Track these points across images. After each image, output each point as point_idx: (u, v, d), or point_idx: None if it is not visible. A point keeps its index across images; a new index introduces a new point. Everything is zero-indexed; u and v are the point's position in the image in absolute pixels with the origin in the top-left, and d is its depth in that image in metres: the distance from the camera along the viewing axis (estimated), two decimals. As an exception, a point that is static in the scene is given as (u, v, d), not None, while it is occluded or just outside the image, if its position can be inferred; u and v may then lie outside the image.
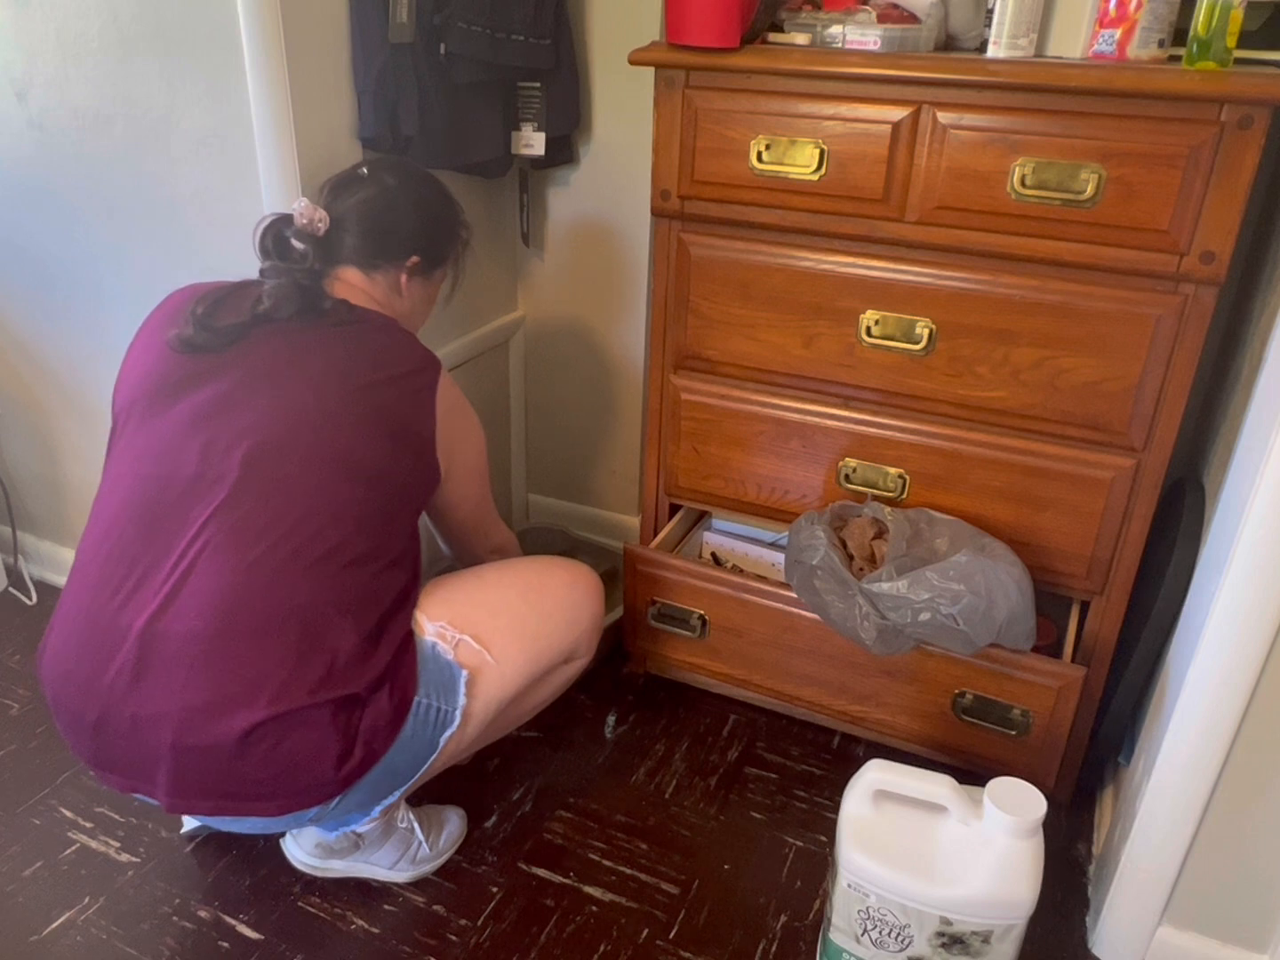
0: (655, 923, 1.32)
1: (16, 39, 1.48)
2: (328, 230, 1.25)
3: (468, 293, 1.85)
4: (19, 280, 1.72)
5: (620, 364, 1.95)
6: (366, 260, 1.28)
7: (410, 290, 1.34)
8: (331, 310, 1.22)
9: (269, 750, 1.07)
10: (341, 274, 1.28)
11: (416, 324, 1.40)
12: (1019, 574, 1.33)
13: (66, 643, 1.12)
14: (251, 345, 1.19)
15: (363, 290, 1.29)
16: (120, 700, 1.08)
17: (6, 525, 1.97)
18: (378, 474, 1.16)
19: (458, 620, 1.23)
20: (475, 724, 1.21)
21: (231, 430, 1.13)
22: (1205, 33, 1.13)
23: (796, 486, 1.53)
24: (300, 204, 1.24)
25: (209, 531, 1.09)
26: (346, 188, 1.29)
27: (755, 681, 1.57)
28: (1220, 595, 1.06)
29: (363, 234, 1.27)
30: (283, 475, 1.12)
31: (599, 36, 1.71)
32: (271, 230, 1.26)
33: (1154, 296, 1.22)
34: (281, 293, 1.20)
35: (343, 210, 1.27)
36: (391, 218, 1.29)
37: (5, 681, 1.73)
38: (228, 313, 1.21)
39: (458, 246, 1.40)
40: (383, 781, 1.17)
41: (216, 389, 1.16)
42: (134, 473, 1.15)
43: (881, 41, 1.28)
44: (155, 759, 1.09)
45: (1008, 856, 1.06)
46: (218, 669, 1.06)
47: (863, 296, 1.37)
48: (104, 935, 1.29)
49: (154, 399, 1.18)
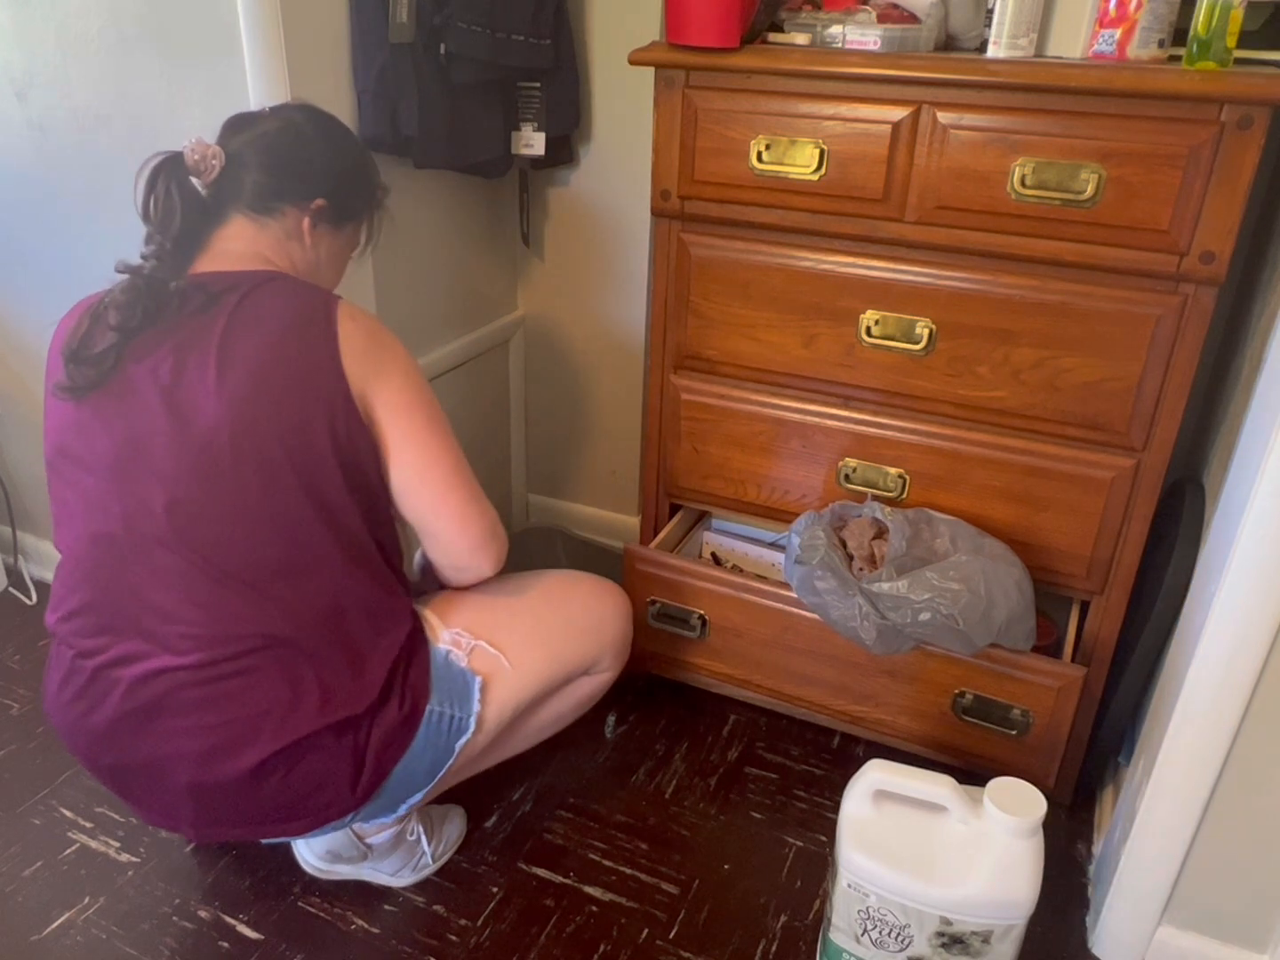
0: (655, 923, 1.32)
1: (16, 39, 1.48)
2: (222, 171, 1.11)
3: (467, 293, 1.86)
4: (19, 280, 1.71)
5: (620, 364, 1.95)
6: (261, 201, 1.13)
7: (315, 239, 1.18)
8: (185, 296, 1.07)
9: (283, 779, 1.08)
10: (221, 238, 1.14)
11: (324, 282, 1.24)
12: (1019, 574, 1.33)
13: (59, 696, 1.12)
14: (128, 365, 1.07)
15: (243, 251, 1.13)
16: (127, 749, 1.09)
17: (6, 525, 1.97)
18: (315, 471, 1.07)
19: (473, 626, 1.21)
20: (490, 729, 1.21)
21: (146, 484, 1.05)
22: (1205, 33, 1.13)
23: (796, 486, 1.53)
24: (192, 140, 1.10)
25: (166, 581, 1.06)
26: (246, 124, 1.15)
27: (755, 681, 1.57)
28: (1220, 595, 1.06)
29: (262, 168, 1.12)
30: (216, 512, 1.05)
31: (599, 36, 1.71)
32: (160, 176, 1.10)
33: (1154, 296, 1.22)
34: (123, 298, 1.07)
35: (240, 144, 1.13)
36: (296, 153, 1.15)
37: (5, 681, 1.73)
38: (98, 335, 1.08)
39: (372, 202, 1.26)
40: (401, 789, 1.17)
41: (113, 439, 1.06)
42: (76, 534, 1.10)
43: (881, 41, 1.28)
44: (176, 798, 1.11)
45: (1008, 856, 1.06)
46: (213, 714, 1.06)
47: (863, 296, 1.37)
48: (104, 935, 1.28)
49: (64, 457, 1.10)
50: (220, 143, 1.14)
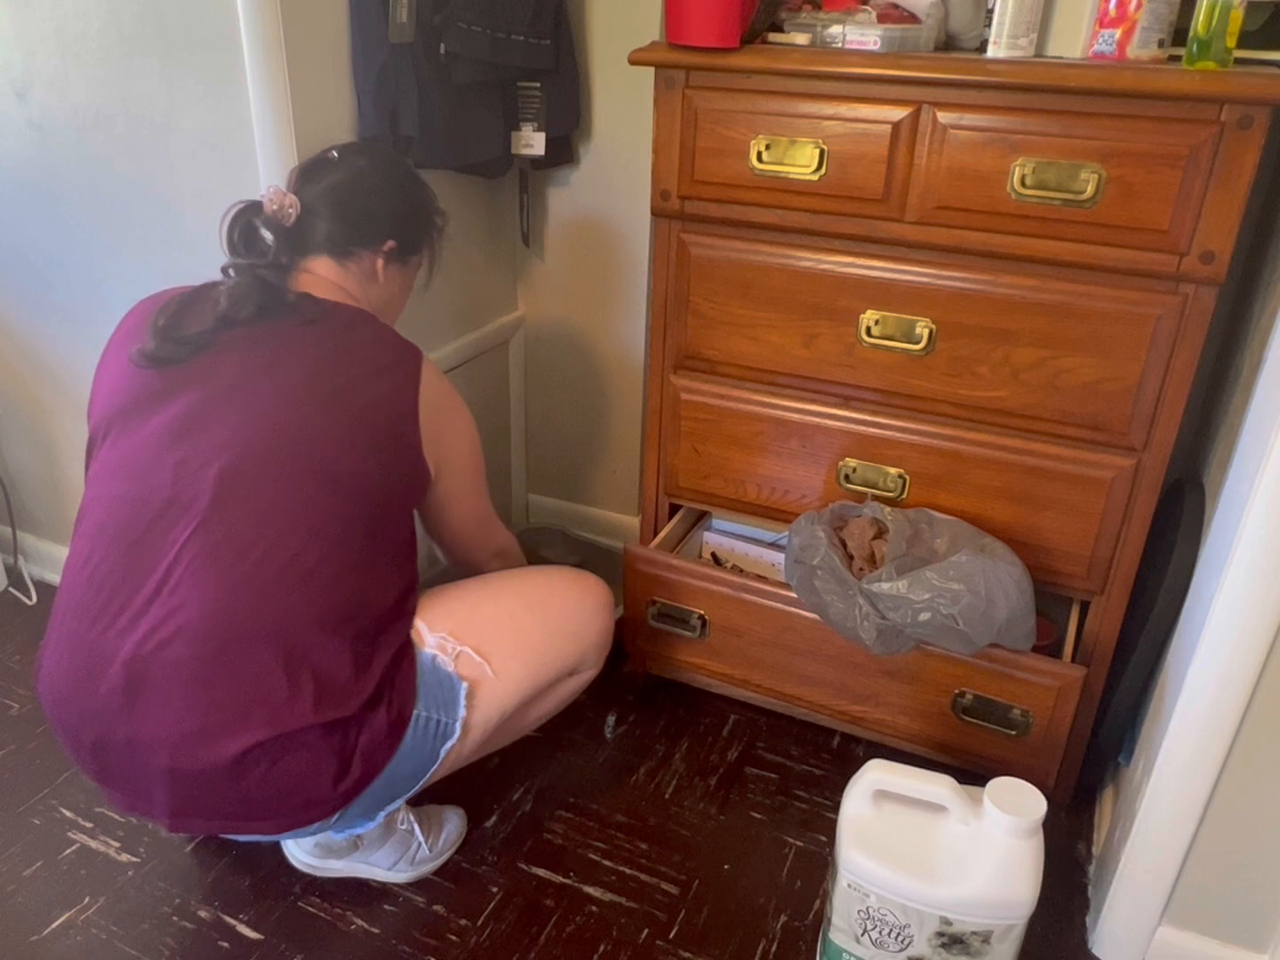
0: (655, 923, 1.32)
1: (16, 39, 1.48)
2: (298, 217, 1.21)
3: (467, 293, 1.86)
4: (19, 280, 1.71)
5: (620, 364, 1.95)
6: (339, 247, 1.24)
7: (388, 277, 1.29)
8: (297, 306, 1.17)
9: (265, 772, 1.07)
10: (311, 266, 1.24)
11: (394, 313, 1.36)
12: (1019, 574, 1.33)
13: (58, 665, 1.12)
14: (218, 354, 1.14)
15: (334, 282, 1.24)
16: (113, 725, 1.08)
17: (6, 525, 1.97)
18: (360, 484, 1.13)
19: (459, 631, 1.22)
20: (476, 735, 1.21)
21: (205, 448, 1.10)
22: (1205, 33, 1.13)
23: (796, 486, 1.53)
24: (269, 190, 1.19)
25: (189, 554, 1.07)
26: (317, 172, 1.25)
27: (755, 681, 1.57)
28: (1220, 595, 1.06)
29: (336, 219, 1.22)
30: (260, 493, 1.09)
31: (599, 36, 1.71)
32: (240, 221, 1.21)
33: (1154, 296, 1.22)
34: (240, 290, 1.15)
35: (314, 195, 1.22)
36: (366, 202, 1.25)
37: (5, 681, 1.73)
38: (191, 320, 1.16)
39: (433, 232, 1.36)
40: (384, 792, 1.17)
41: (186, 404, 1.12)
42: (110, 494, 1.12)
43: (881, 41, 1.28)
44: (153, 782, 1.09)
45: (1008, 856, 1.06)
46: (206, 694, 1.06)
47: (863, 296, 1.37)
48: (104, 935, 1.28)
49: (125, 418, 1.14)
50: (294, 189, 1.23)
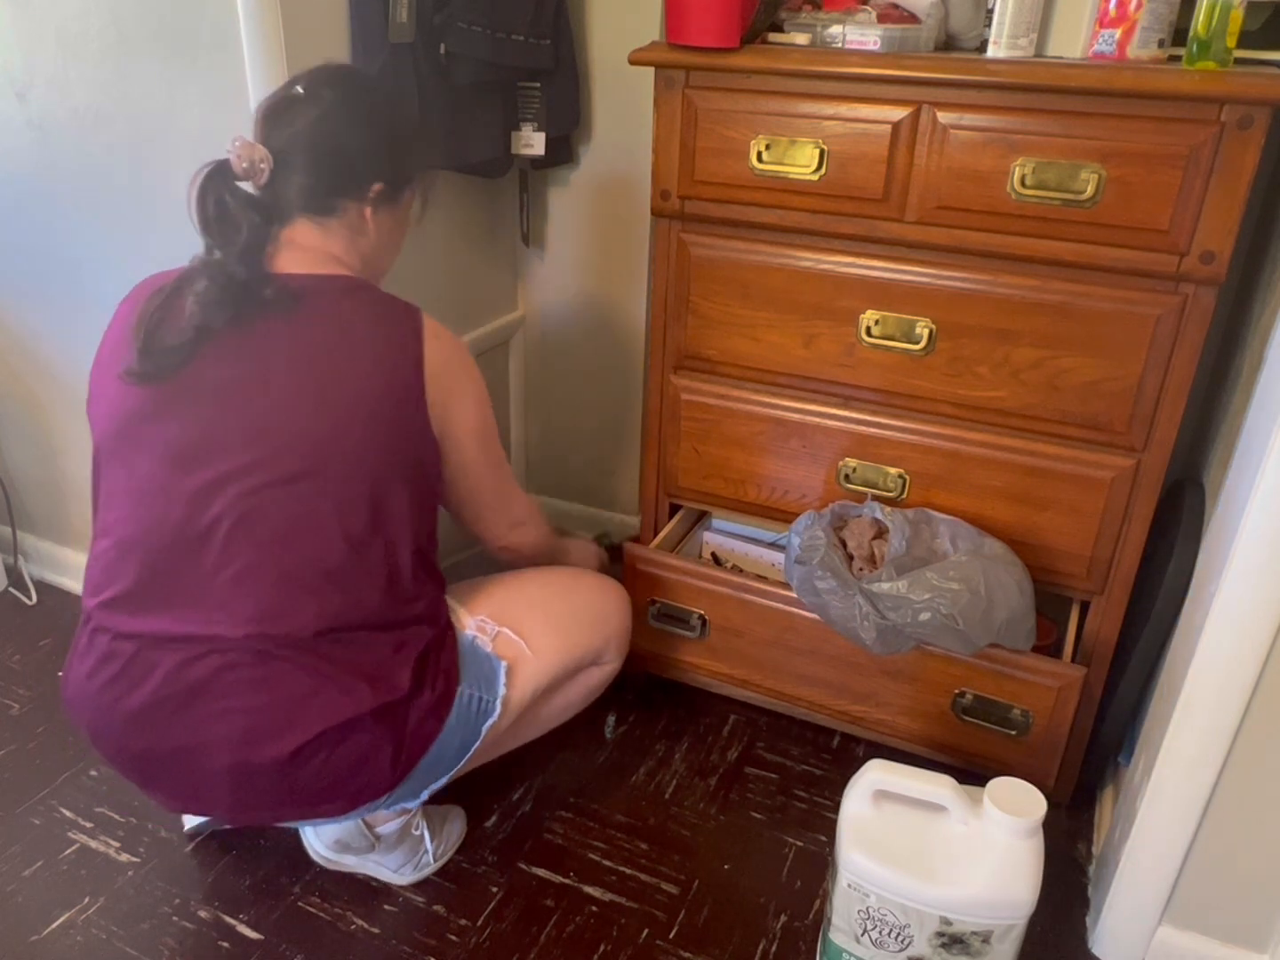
0: (655, 923, 1.32)
1: (16, 39, 1.48)
2: (272, 173, 1.10)
3: (468, 292, 1.86)
4: (19, 280, 1.71)
5: (620, 364, 1.95)
6: (319, 202, 1.13)
7: (378, 223, 1.18)
8: (275, 299, 1.09)
9: (323, 762, 1.11)
10: (289, 236, 1.14)
11: (389, 259, 1.26)
12: (1019, 574, 1.33)
13: (95, 675, 1.12)
14: (207, 365, 1.08)
15: (316, 249, 1.15)
16: (163, 732, 1.10)
17: (6, 525, 1.97)
18: (372, 470, 1.12)
19: (496, 614, 1.28)
20: (513, 711, 1.26)
21: (209, 476, 1.07)
22: (1205, 33, 1.13)
23: (796, 486, 1.53)
24: (236, 142, 1.08)
25: (221, 578, 1.09)
26: (284, 113, 1.12)
27: (755, 681, 1.57)
28: (1220, 595, 1.06)
29: (311, 169, 1.11)
30: (278, 506, 1.09)
31: (599, 36, 1.71)
32: (211, 190, 1.10)
33: (1154, 296, 1.22)
34: (211, 296, 1.08)
35: (284, 141, 1.11)
36: (342, 141, 1.12)
37: (5, 681, 1.72)
38: (171, 323, 1.09)
39: (422, 157, 1.24)
40: (431, 769, 1.20)
41: (179, 427, 1.08)
42: (130, 517, 1.11)
43: (881, 41, 1.28)
44: (210, 782, 1.12)
45: (1008, 856, 1.06)
46: (262, 692, 1.09)
47: (863, 296, 1.37)
48: (104, 935, 1.28)
49: (122, 440, 1.11)
50: (261, 138, 1.12)
